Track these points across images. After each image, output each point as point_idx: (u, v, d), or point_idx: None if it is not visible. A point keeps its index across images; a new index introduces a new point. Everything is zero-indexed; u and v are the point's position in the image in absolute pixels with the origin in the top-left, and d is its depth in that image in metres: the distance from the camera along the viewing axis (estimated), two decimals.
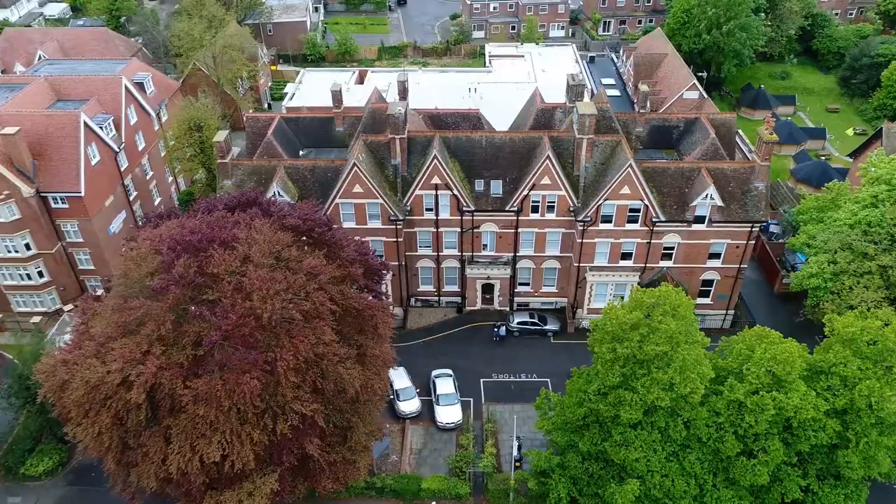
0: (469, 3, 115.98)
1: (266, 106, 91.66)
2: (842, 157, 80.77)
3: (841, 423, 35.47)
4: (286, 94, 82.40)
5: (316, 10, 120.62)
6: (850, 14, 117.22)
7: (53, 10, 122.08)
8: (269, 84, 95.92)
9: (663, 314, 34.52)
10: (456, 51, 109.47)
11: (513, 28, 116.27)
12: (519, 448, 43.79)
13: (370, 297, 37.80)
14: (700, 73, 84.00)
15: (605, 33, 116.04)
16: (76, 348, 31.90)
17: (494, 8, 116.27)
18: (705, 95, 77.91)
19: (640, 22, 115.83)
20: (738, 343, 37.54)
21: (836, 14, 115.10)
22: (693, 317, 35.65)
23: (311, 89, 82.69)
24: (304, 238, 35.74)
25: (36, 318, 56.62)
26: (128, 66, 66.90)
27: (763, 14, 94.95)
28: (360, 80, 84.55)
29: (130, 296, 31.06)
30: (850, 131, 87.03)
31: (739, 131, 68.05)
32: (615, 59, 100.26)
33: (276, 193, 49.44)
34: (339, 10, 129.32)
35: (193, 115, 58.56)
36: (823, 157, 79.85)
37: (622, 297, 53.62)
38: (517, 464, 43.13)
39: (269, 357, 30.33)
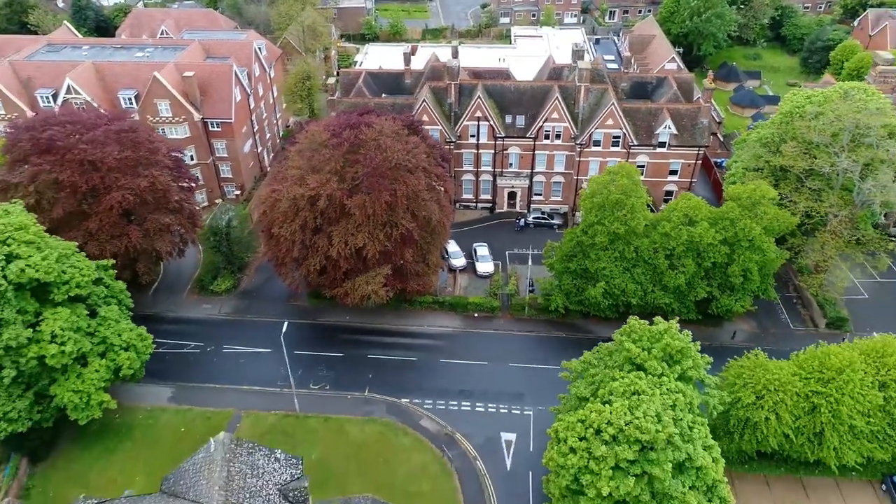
0: None
1: (335, 73, 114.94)
2: None
3: (729, 249, 58.08)
4: (355, 62, 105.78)
5: None
6: (821, 7, 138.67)
7: None
8: (337, 56, 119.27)
9: (621, 176, 57.41)
10: (486, 33, 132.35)
11: (533, 15, 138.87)
12: (531, 282, 66.90)
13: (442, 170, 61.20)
14: (678, 50, 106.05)
15: (611, 21, 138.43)
16: (280, 183, 55.49)
17: None
18: (682, 66, 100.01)
19: (640, 11, 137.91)
20: (670, 204, 60.42)
21: (808, 6, 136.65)
22: (640, 180, 58.42)
23: (373, 59, 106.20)
24: (408, 129, 59.14)
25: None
26: (249, 35, 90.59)
27: (738, 7, 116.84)
28: (413, 53, 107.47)
29: (315, 151, 54.66)
30: None
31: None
32: (616, 41, 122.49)
33: None
34: None
35: (304, 69, 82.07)
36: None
37: None
38: (530, 290, 66.32)
39: (393, 187, 53.66)
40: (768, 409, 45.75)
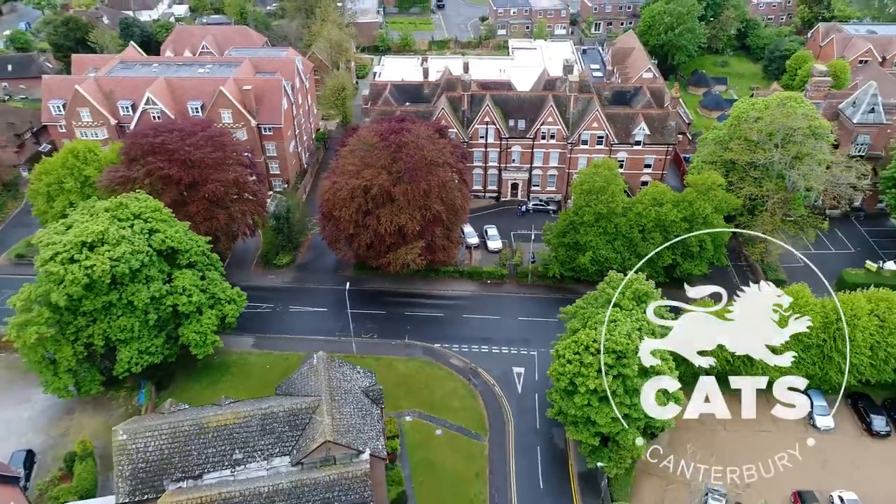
0: (495, 8, 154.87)
1: (355, 81, 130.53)
2: None
3: (688, 224, 74.29)
4: (375, 73, 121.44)
5: (378, 12, 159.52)
6: (782, 19, 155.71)
7: (179, 10, 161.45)
8: (355, 67, 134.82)
9: (604, 168, 73.55)
10: (485, 44, 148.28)
11: (527, 28, 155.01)
12: (533, 255, 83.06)
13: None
14: (653, 60, 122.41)
15: (596, 32, 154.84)
16: (339, 176, 71.18)
17: (514, 12, 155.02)
18: (658, 75, 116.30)
19: (622, 24, 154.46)
20: (642, 190, 76.71)
21: (770, 19, 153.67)
22: (618, 171, 74.56)
23: (389, 70, 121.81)
24: (437, 133, 75.13)
25: None
26: (288, 52, 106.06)
27: (707, 21, 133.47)
28: (425, 62, 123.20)
29: (367, 151, 70.46)
30: None
31: (679, 98, 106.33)
32: (601, 51, 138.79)
33: None
34: (393, 12, 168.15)
35: (339, 81, 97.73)
36: None
37: None
38: (532, 261, 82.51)
39: (428, 178, 69.55)
40: None
